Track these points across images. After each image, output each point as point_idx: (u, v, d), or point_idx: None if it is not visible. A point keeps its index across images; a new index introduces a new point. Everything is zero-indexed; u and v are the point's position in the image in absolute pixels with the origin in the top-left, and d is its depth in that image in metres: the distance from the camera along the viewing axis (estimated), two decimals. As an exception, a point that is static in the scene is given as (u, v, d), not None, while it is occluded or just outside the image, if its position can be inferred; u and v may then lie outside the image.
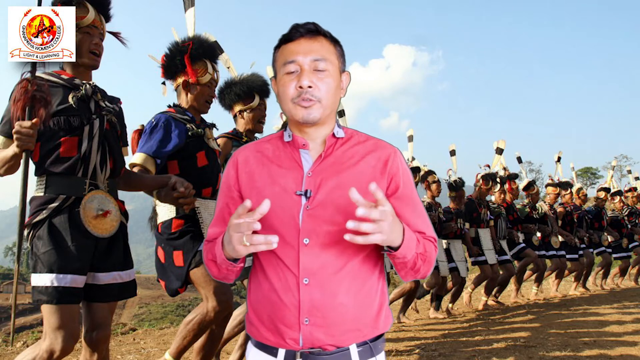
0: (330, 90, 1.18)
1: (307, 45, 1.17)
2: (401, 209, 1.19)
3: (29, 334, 7.31)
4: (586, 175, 53.35)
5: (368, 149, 1.21)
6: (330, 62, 1.18)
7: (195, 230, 2.47)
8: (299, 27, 1.18)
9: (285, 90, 1.18)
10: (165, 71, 2.71)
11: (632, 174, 9.53)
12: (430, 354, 3.60)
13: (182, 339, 2.43)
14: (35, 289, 1.87)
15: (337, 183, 1.15)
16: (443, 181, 5.71)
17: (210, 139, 2.65)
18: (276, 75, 1.22)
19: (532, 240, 6.66)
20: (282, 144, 1.24)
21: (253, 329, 1.19)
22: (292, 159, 1.20)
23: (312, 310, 1.10)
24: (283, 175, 1.18)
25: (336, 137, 1.22)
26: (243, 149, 1.28)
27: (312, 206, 1.13)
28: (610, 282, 8.75)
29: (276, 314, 1.13)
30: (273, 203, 1.13)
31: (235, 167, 1.24)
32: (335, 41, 1.22)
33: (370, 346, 1.15)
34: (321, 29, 1.19)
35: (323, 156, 1.19)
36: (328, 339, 1.11)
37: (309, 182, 1.16)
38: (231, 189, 1.24)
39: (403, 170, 1.21)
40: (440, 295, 5.68)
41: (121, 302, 5.60)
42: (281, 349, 1.13)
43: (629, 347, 3.63)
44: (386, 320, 1.20)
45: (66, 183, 1.97)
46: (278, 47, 1.21)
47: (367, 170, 1.18)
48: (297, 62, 1.16)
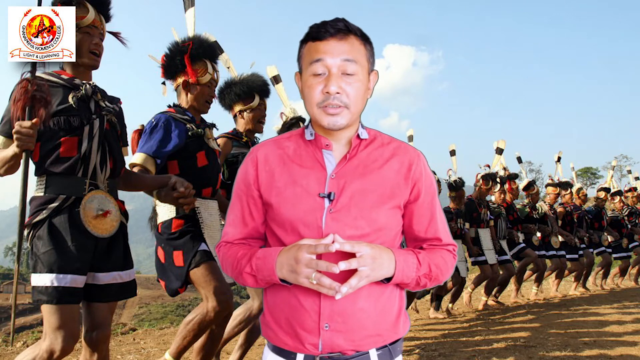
0: (359, 95, 1.13)
1: (337, 47, 1.11)
2: (419, 216, 1.19)
3: (29, 334, 7.31)
4: (586, 175, 53.35)
5: (392, 152, 1.18)
6: (360, 64, 1.13)
7: (196, 230, 2.47)
8: (328, 25, 1.11)
9: (311, 92, 1.13)
10: (165, 71, 2.71)
11: (632, 174, 9.54)
12: (430, 354, 3.60)
13: (182, 339, 2.43)
14: (35, 289, 1.86)
15: (360, 186, 1.12)
16: (443, 181, 5.71)
17: (210, 139, 2.65)
18: (301, 72, 1.17)
19: (532, 240, 6.66)
20: (303, 142, 1.19)
21: (270, 332, 1.16)
22: (314, 159, 1.17)
23: (332, 315, 1.09)
24: (305, 176, 1.15)
25: (360, 138, 1.19)
26: (262, 146, 1.23)
27: (336, 209, 1.10)
28: (610, 282, 8.75)
29: (295, 318, 1.11)
30: (294, 204, 1.12)
31: (255, 164, 1.19)
32: (366, 39, 1.16)
33: (389, 349, 1.14)
34: (352, 27, 1.13)
35: (348, 158, 1.16)
36: (348, 344, 1.09)
37: (333, 184, 1.13)
38: (251, 187, 1.19)
39: (426, 175, 1.19)
40: (440, 295, 5.68)
41: (121, 302, 5.59)
42: (300, 353, 1.11)
43: (629, 347, 3.63)
44: (405, 324, 1.19)
45: (66, 183, 1.97)
46: (304, 42, 1.15)
47: (391, 175, 1.15)
48: (325, 64, 1.10)
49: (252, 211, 1.20)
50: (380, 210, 1.12)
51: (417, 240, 1.22)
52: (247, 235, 1.22)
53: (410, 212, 1.19)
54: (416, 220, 1.19)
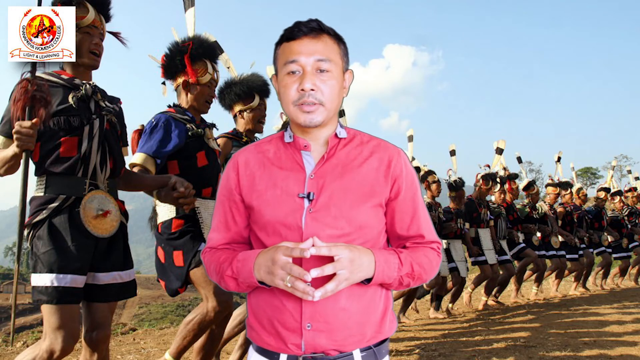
0: (334, 92, 1.15)
1: (310, 45, 1.13)
2: (401, 213, 1.18)
3: (29, 334, 7.31)
4: (586, 175, 53.36)
5: (371, 150, 1.19)
6: (334, 63, 1.14)
7: (195, 230, 2.47)
8: (301, 25, 1.14)
9: (286, 91, 1.14)
10: (165, 71, 2.71)
11: (632, 174, 9.54)
12: (430, 354, 3.60)
13: (182, 339, 2.43)
14: (35, 289, 1.86)
15: (340, 185, 1.13)
16: (443, 181, 5.71)
17: (210, 139, 2.65)
18: (277, 73, 1.19)
19: (532, 240, 6.66)
20: (283, 145, 1.21)
21: (254, 333, 1.17)
22: (293, 160, 1.18)
23: (314, 315, 1.08)
24: (284, 178, 1.15)
25: (339, 137, 1.20)
26: (243, 151, 1.24)
27: (315, 209, 1.11)
28: (610, 282, 8.75)
29: (278, 318, 1.11)
30: (275, 206, 1.13)
31: (236, 169, 1.21)
32: (339, 39, 1.19)
33: (374, 351, 1.13)
34: (325, 27, 1.15)
35: (326, 158, 1.16)
36: (331, 344, 1.09)
37: (312, 185, 1.13)
38: (232, 192, 1.20)
39: (407, 172, 1.19)
40: (440, 295, 5.68)
41: (121, 302, 5.59)
42: (283, 354, 1.11)
43: (629, 347, 3.63)
44: (391, 324, 1.18)
45: (66, 183, 1.97)
46: (279, 44, 1.17)
47: (371, 173, 1.15)
48: (300, 62, 1.12)
49: (235, 215, 1.21)
50: (360, 209, 1.12)
51: (400, 238, 1.21)
52: (231, 239, 1.23)
53: (392, 209, 1.18)
54: (398, 217, 1.18)
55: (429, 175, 5.49)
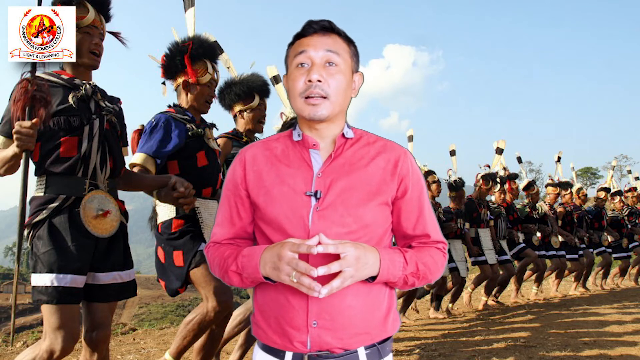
0: (340, 87, 1.15)
1: (320, 40, 1.15)
2: (407, 212, 1.19)
3: (29, 334, 7.30)
4: (586, 175, 53.36)
5: (378, 150, 1.19)
6: (343, 59, 1.16)
7: (195, 230, 2.47)
8: (313, 23, 1.17)
9: (294, 84, 1.16)
10: (165, 71, 2.71)
11: (632, 174, 9.54)
12: (430, 354, 3.60)
13: (182, 339, 2.43)
14: (35, 289, 1.86)
15: (347, 184, 1.13)
16: (443, 181, 5.71)
17: (210, 139, 2.65)
18: (288, 72, 1.21)
19: (532, 240, 6.66)
20: (291, 143, 1.21)
21: (260, 331, 1.17)
22: (301, 158, 1.18)
23: (320, 313, 1.09)
24: (292, 175, 1.16)
25: (346, 137, 1.20)
26: (251, 147, 1.25)
27: (322, 207, 1.11)
28: (610, 282, 8.75)
29: (284, 316, 1.11)
30: (281, 203, 1.13)
31: (243, 165, 1.21)
32: (350, 41, 1.21)
33: (378, 348, 1.14)
34: (336, 27, 1.18)
35: (333, 156, 1.17)
36: (336, 341, 1.09)
37: (319, 183, 1.14)
38: (238, 187, 1.21)
39: (413, 172, 1.20)
40: (440, 295, 5.68)
41: (121, 302, 5.58)
42: (288, 351, 1.12)
43: (629, 347, 3.63)
44: (394, 322, 1.19)
45: (66, 183, 1.97)
46: (291, 44, 1.20)
47: (377, 172, 1.16)
48: (309, 54, 1.14)
49: (240, 211, 1.21)
50: (367, 207, 1.12)
51: (406, 237, 1.22)
52: (235, 235, 1.23)
53: (398, 208, 1.19)
54: (404, 217, 1.19)
55: (429, 175, 5.49)
